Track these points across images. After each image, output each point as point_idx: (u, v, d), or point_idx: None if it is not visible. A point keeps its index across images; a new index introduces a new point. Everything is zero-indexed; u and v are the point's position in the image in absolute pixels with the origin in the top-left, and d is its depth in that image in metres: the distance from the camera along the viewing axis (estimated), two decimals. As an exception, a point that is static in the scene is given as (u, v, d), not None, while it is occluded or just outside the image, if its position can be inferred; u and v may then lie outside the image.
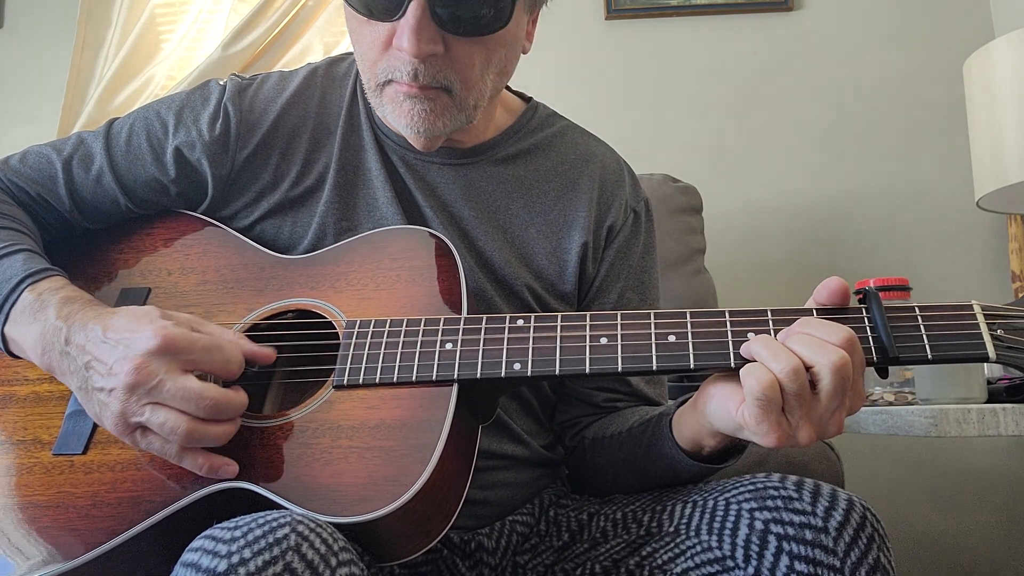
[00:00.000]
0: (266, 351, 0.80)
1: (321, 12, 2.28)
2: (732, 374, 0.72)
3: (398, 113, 0.88)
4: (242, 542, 0.62)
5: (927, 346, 0.71)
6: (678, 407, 0.86)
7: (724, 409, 0.73)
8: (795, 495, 0.75)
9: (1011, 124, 1.77)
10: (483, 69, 0.88)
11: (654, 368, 0.75)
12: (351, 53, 1.07)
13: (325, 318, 0.85)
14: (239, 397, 0.74)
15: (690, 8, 2.28)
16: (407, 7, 0.81)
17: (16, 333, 0.80)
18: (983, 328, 0.71)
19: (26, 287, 0.81)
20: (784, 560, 0.72)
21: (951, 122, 2.17)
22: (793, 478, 0.78)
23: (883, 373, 0.73)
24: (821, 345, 0.67)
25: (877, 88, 2.24)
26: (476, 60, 0.87)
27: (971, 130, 1.92)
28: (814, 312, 0.74)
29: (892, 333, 0.72)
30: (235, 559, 0.60)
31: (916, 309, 0.73)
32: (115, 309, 0.78)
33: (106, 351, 0.73)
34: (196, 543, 0.64)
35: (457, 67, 0.86)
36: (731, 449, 0.83)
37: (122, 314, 0.76)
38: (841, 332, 0.68)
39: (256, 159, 0.98)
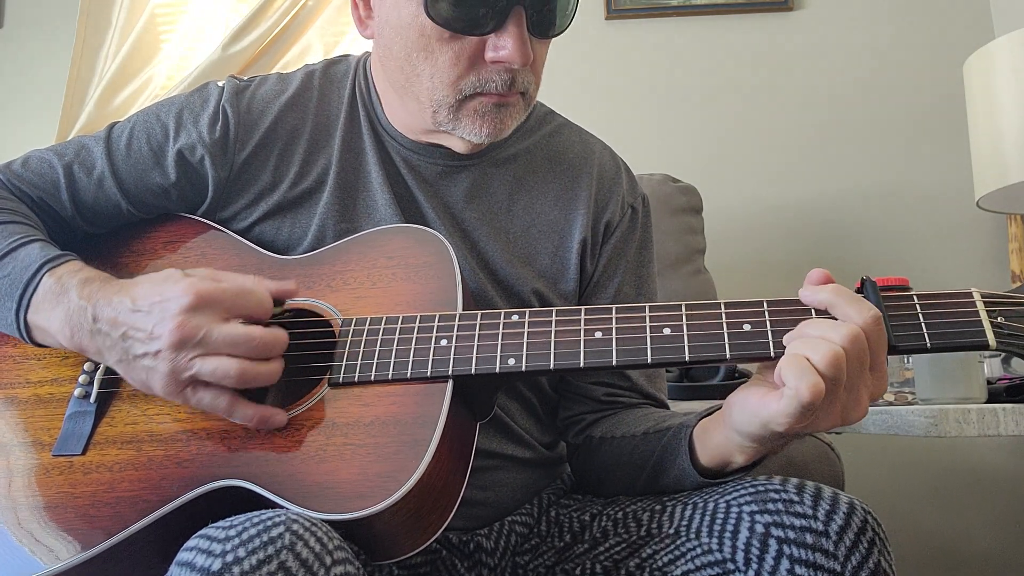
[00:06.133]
0: (288, 284, 0.83)
1: (321, 12, 2.28)
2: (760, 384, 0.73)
3: (480, 124, 0.89)
4: (236, 541, 0.62)
5: (926, 335, 0.71)
6: (698, 420, 0.85)
7: (749, 407, 0.72)
8: (796, 498, 0.74)
9: (1011, 124, 1.77)
10: (542, 68, 0.94)
11: (649, 361, 0.74)
12: (347, 56, 1.07)
13: (322, 317, 0.85)
14: (281, 333, 0.77)
15: (690, 8, 2.28)
16: (509, 18, 0.84)
17: (41, 320, 0.81)
18: (983, 315, 0.70)
19: (45, 272, 0.82)
20: (785, 564, 0.71)
21: (951, 122, 2.17)
22: (795, 481, 0.77)
23: None
24: (836, 327, 0.68)
25: (877, 88, 2.24)
26: (541, 58, 0.92)
27: (971, 130, 1.92)
28: (813, 313, 0.74)
29: (890, 322, 0.71)
30: (229, 558, 0.60)
31: (915, 298, 0.72)
32: (135, 280, 0.79)
33: (140, 319, 0.75)
34: (191, 542, 0.65)
35: (535, 69, 0.91)
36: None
37: (143, 283, 0.78)
38: (866, 311, 0.69)
39: (254, 160, 0.98)
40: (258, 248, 0.94)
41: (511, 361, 0.77)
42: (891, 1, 2.28)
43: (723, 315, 0.74)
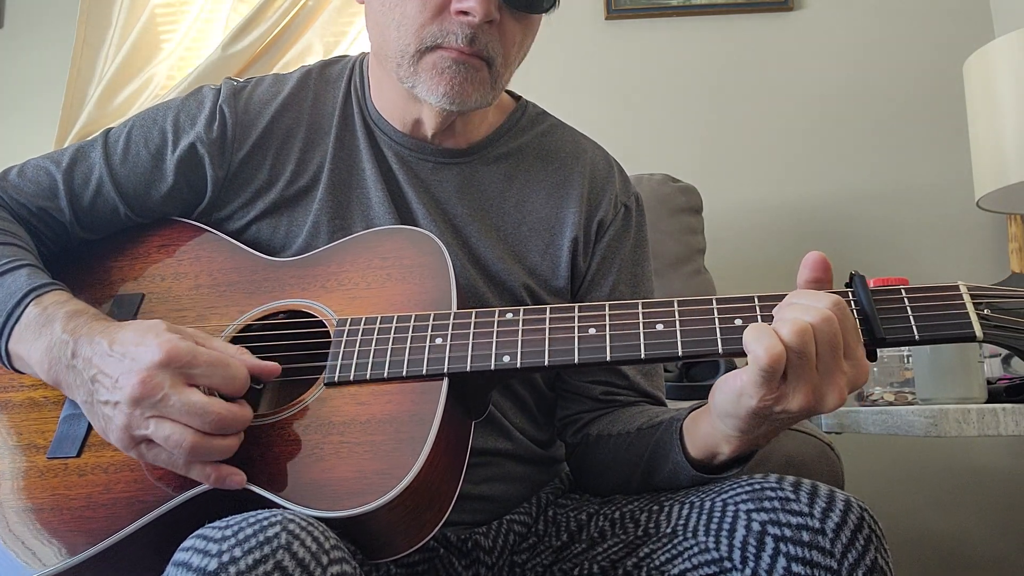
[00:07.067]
0: (271, 366, 0.79)
1: (321, 12, 2.28)
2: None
3: (437, 81, 0.89)
4: (232, 541, 0.62)
5: (914, 327, 0.72)
6: (689, 412, 0.86)
7: (727, 385, 0.72)
8: (792, 496, 0.75)
9: (1011, 124, 1.77)
10: (518, 50, 0.94)
11: (642, 356, 0.75)
12: (344, 56, 1.09)
13: (316, 318, 0.85)
14: (244, 412, 0.73)
15: (690, 8, 2.28)
16: None
17: (21, 349, 0.80)
18: (969, 307, 0.71)
19: (31, 301, 0.81)
20: (781, 561, 0.72)
21: (951, 122, 2.16)
22: (790, 479, 0.78)
23: (871, 356, 0.73)
24: (806, 308, 0.69)
25: (877, 88, 2.24)
26: (517, 39, 0.92)
27: (971, 130, 1.92)
28: None
29: (879, 315, 0.72)
30: (225, 558, 0.60)
31: (902, 291, 0.73)
32: (122, 323, 0.78)
33: (112, 364, 0.73)
34: (187, 543, 0.64)
35: (504, 41, 0.91)
36: (739, 458, 0.82)
37: (129, 328, 0.76)
38: (828, 296, 0.69)
39: (251, 160, 0.98)
40: (252, 251, 0.95)
41: (506, 358, 0.77)
42: (891, 1, 2.28)
43: (715, 311, 0.75)
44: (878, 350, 0.75)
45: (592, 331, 0.77)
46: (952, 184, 2.17)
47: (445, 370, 0.77)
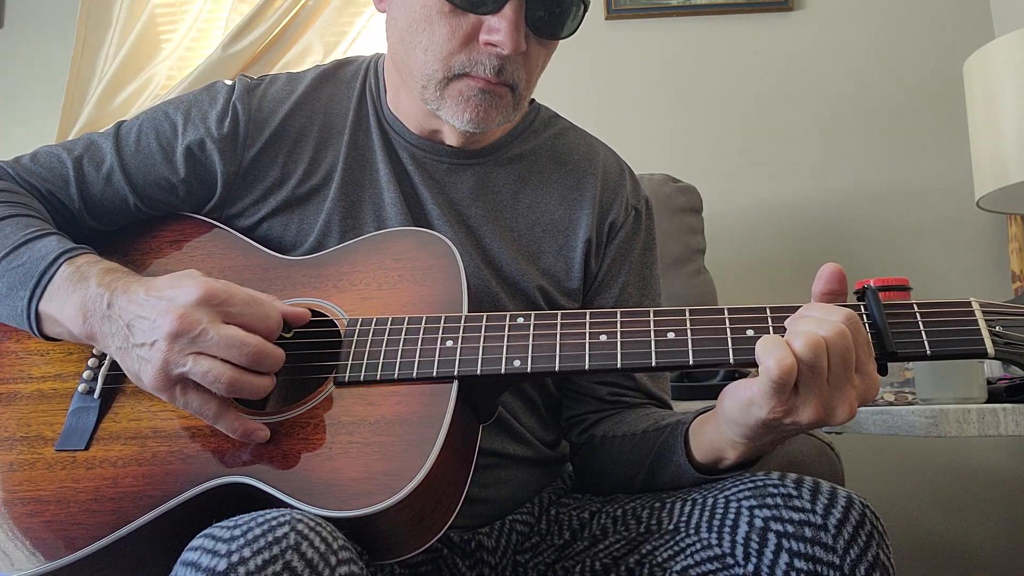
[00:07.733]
0: (300, 311, 0.81)
1: (321, 12, 2.29)
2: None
3: (463, 107, 0.90)
4: (241, 541, 0.62)
5: (926, 342, 0.72)
6: (695, 416, 0.86)
7: (737, 393, 0.73)
8: (794, 493, 0.75)
9: (1011, 124, 1.77)
10: (539, 72, 0.95)
11: (653, 365, 0.75)
12: (358, 57, 1.09)
13: (327, 317, 0.86)
14: (278, 350, 0.76)
15: (690, 8, 2.28)
16: (508, 2, 0.85)
17: (53, 308, 0.81)
18: (981, 325, 0.72)
19: (63, 262, 0.82)
20: (784, 557, 0.72)
21: (951, 122, 2.17)
22: (793, 476, 0.78)
23: (882, 370, 0.73)
24: (820, 322, 0.69)
25: (877, 88, 2.25)
26: (539, 62, 0.93)
27: (971, 130, 1.92)
28: None
29: (891, 329, 0.72)
30: (235, 558, 0.61)
31: (915, 306, 0.74)
32: (156, 277, 0.80)
33: (149, 307, 0.75)
34: (196, 542, 0.65)
35: (528, 67, 0.91)
36: (743, 463, 0.82)
37: (164, 277, 0.79)
38: (842, 311, 0.70)
39: (263, 158, 0.99)
40: (264, 248, 0.95)
41: (516, 363, 0.77)
42: (891, 1, 2.28)
43: (727, 320, 0.75)
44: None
45: (603, 337, 0.77)
46: (952, 184, 2.18)
47: (455, 373, 0.77)
